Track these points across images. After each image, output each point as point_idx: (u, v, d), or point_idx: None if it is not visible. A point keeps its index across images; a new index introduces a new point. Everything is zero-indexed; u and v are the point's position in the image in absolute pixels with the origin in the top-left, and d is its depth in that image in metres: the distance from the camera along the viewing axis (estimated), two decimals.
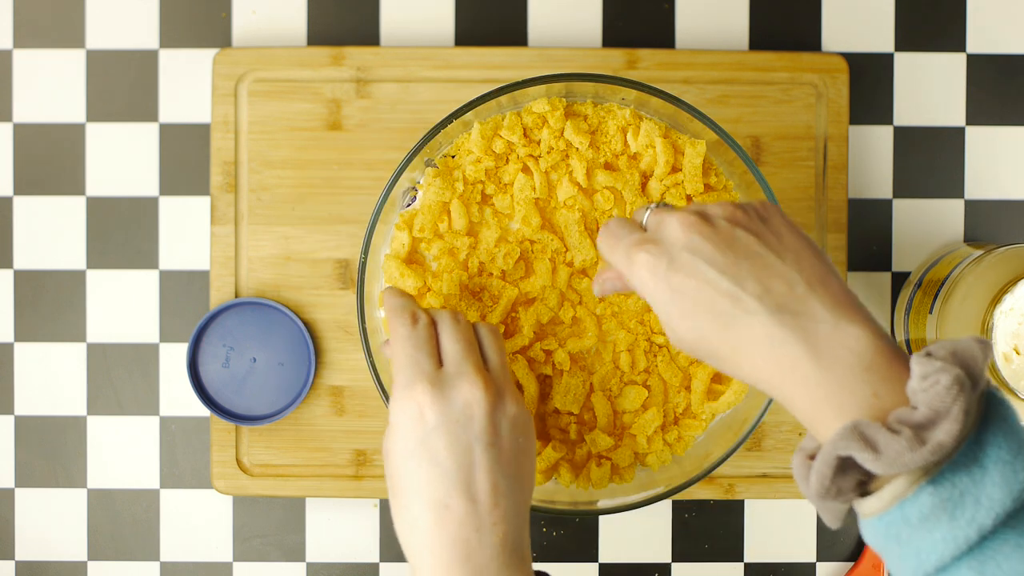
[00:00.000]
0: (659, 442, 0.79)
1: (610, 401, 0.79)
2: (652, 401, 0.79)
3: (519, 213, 0.78)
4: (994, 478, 0.52)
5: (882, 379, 0.55)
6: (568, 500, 0.79)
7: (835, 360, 0.56)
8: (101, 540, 0.94)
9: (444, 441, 0.65)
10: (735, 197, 0.80)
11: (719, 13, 0.93)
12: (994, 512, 0.52)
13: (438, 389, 0.66)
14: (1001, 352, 0.77)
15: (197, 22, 0.93)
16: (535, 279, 0.79)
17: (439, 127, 0.76)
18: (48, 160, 0.93)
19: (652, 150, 0.78)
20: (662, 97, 0.76)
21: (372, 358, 0.77)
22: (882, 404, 0.55)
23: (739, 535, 0.94)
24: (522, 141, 0.78)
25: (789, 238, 0.61)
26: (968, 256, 0.83)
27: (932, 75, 0.94)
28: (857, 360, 0.56)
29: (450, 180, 0.78)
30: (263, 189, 0.91)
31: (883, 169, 0.93)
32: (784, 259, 0.59)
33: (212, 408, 0.90)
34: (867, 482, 0.55)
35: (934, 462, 0.53)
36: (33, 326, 0.93)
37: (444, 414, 0.65)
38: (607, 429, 0.79)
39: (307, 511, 0.93)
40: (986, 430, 0.54)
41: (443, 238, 0.79)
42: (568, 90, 0.79)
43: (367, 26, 0.93)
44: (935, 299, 0.83)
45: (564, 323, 0.79)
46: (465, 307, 0.78)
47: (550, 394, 0.79)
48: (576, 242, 0.78)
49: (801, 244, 0.61)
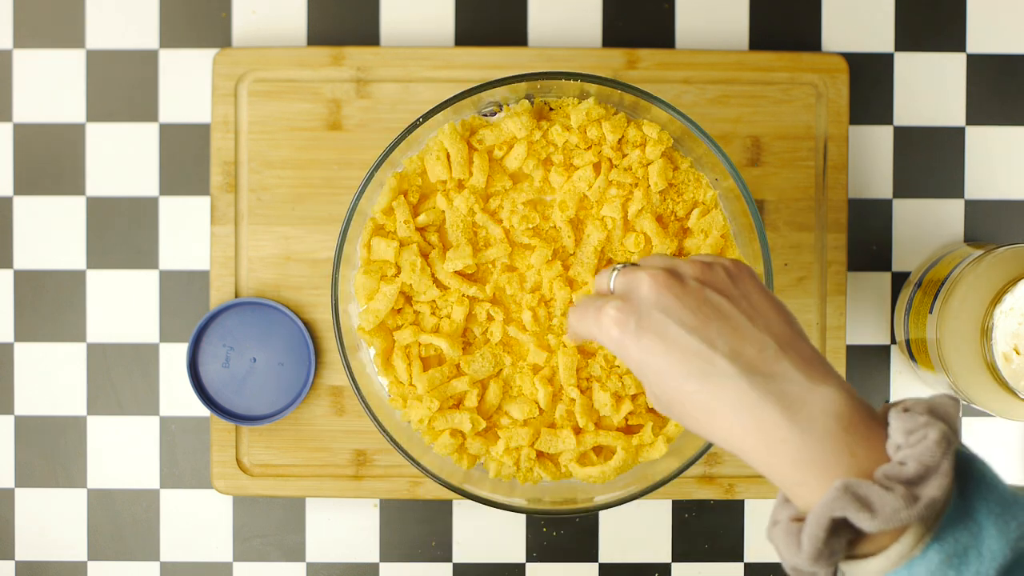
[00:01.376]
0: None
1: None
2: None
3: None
4: (991, 531, 0.53)
5: (860, 438, 0.56)
6: (552, 500, 0.79)
7: (812, 421, 0.56)
8: (101, 540, 0.94)
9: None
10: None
11: (719, 13, 0.93)
12: (996, 563, 0.53)
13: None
14: (1001, 352, 0.77)
15: (197, 22, 0.93)
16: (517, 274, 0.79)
17: (409, 130, 0.76)
18: (48, 160, 0.93)
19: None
20: (624, 89, 0.75)
21: (346, 356, 0.77)
22: (861, 464, 0.55)
23: (739, 535, 0.94)
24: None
25: (759, 300, 0.62)
26: (968, 256, 0.83)
27: (932, 75, 0.94)
28: (835, 421, 0.56)
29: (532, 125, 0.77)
30: (263, 189, 0.91)
31: (883, 169, 0.93)
32: (755, 322, 0.60)
33: (212, 408, 0.90)
34: (856, 542, 0.55)
35: (928, 517, 0.53)
36: (33, 326, 0.93)
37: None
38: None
39: (307, 511, 0.93)
40: (967, 485, 0.55)
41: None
42: (546, 88, 0.78)
43: (367, 26, 0.93)
44: (935, 299, 0.83)
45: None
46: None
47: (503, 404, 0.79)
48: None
49: (770, 306, 0.61)
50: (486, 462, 0.80)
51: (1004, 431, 0.94)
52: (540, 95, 0.79)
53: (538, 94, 0.79)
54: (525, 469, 0.79)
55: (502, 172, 0.78)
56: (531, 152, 0.77)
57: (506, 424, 0.79)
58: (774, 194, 0.92)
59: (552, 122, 0.78)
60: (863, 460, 0.55)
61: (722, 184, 0.79)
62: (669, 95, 0.91)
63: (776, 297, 0.63)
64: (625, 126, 0.78)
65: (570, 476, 0.79)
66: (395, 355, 0.79)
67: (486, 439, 0.79)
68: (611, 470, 0.78)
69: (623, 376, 0.78)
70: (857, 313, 0.93)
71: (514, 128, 0.77)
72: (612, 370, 0.78)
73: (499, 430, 0.79)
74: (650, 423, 0.79)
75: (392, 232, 0.78)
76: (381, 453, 0.92)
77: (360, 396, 0.77)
